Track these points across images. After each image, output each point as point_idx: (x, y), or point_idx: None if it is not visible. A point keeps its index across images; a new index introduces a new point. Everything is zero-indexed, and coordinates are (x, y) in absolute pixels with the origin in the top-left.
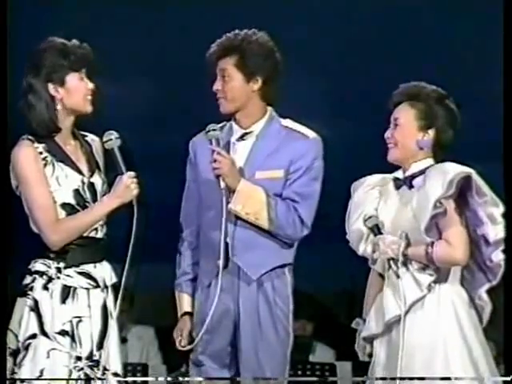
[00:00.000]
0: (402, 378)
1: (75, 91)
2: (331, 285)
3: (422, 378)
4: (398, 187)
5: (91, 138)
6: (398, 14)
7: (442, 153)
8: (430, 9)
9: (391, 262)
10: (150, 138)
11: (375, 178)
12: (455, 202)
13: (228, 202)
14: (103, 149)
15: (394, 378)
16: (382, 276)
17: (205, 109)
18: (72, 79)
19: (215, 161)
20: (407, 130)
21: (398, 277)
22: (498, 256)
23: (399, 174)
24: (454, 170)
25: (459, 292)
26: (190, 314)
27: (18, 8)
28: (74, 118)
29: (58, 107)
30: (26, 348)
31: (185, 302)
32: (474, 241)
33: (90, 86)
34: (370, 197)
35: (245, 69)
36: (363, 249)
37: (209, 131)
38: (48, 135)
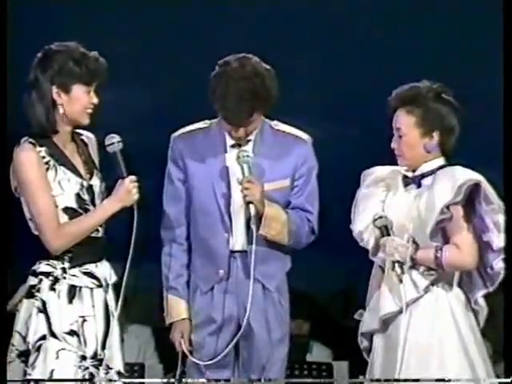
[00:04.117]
0: (398, 380)
1: (77, 102)
2: (328, 284)
3: (417, 380)
4: (406, 185)
5: (86, 135)
6: (395, 15)
7: (451, 150)
8: (427, 9)
9: (396, 264)
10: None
11: (385, 170)
12: (463, 207)
13: (258, 228)
14: (98, 146)
15: (390, 380)
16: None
17: (204, 110)
18: (78, 90)
19: (247, 188)
20: (411, 140)
21: (400, 281)
22: (498, 264)
23: (408, 171)
24: (463, 176)
25: (457, 293)
26: (188, 318)
27: (17, 8)
28: (72, 126)
29: (58, 112)
30: (38, 349)
31: (182, 308)
32: (479, 247)
33: (95, 100)
34: (378, 190)
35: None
36: (366, 240)
37: (240, 157)
38: (45, 136)
